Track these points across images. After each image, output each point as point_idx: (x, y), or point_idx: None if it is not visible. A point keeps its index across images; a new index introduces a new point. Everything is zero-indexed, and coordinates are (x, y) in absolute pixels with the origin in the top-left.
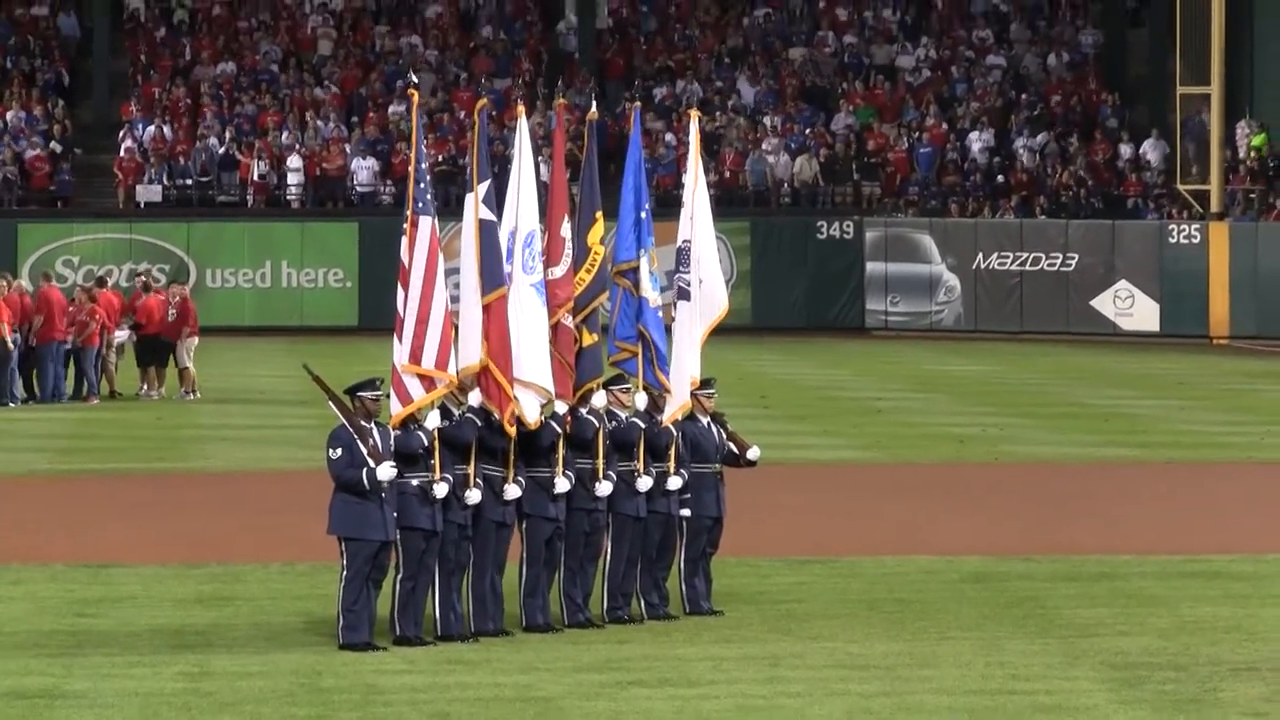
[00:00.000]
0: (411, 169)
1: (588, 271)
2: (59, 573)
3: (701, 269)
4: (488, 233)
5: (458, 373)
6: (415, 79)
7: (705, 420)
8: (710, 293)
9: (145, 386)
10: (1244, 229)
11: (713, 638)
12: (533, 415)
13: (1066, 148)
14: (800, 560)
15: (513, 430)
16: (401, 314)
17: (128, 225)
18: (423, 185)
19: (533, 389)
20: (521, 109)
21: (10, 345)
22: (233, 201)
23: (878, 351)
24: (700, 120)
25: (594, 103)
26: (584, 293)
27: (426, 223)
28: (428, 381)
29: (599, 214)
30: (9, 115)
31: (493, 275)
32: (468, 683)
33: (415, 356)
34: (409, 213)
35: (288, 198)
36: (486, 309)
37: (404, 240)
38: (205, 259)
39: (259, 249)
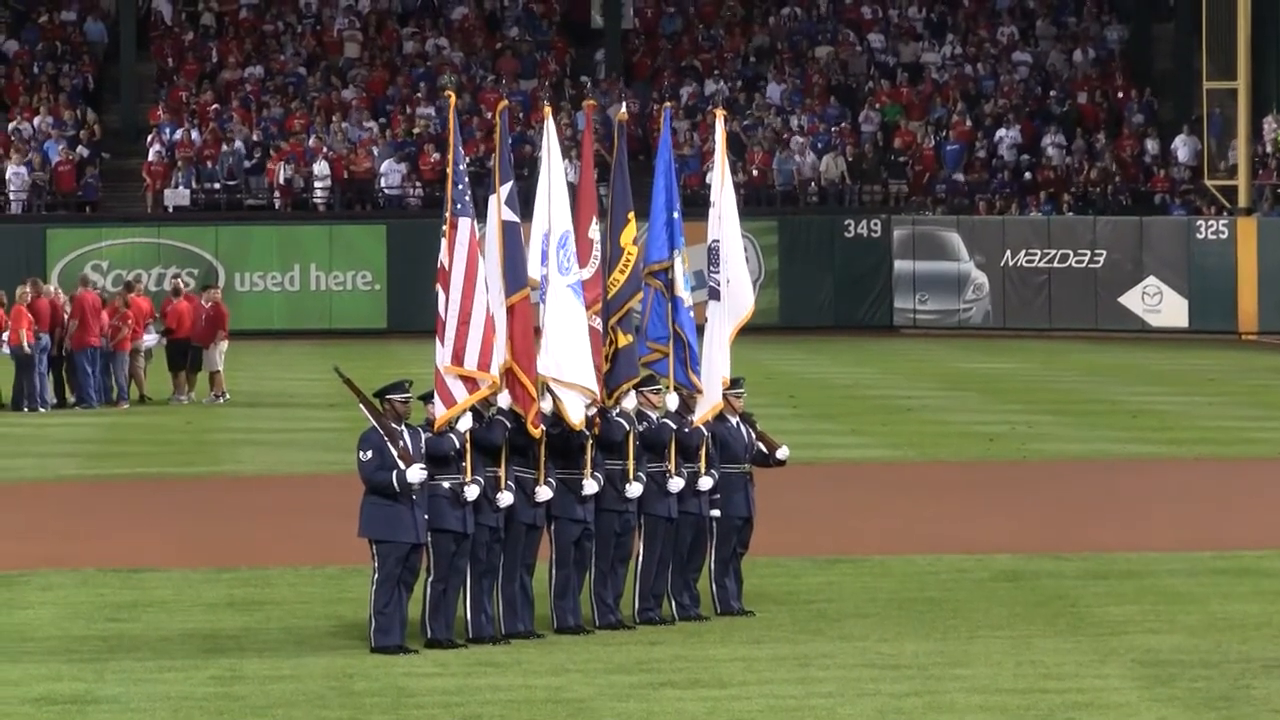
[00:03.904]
0: (449, 171)
1: (621, 272)
2: (90, 577)
3: (729, 269)
4: (510, 234)
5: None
6: (451, 80)
7: (734, 420)
8: (737, 293)
9: (176, 391)
10: (1272, 224)
11: (744, 638)
12: (577, 416)
13: (1094, 144)
14: (830, 560)
15: (537, 432)
16: (443, 316)
17: (156, 229)
18: (461, 187)
19: (576, 389)
20: (549, 110)
21: (27, 350)
22: (260, 205)
23: (906, 350)
24: (726, 120)
25: (623, 105)
26: (618, 294)
27: (466, 224)
28: (471, 383)
29: (631, 215)
30: (37, 120)
31: (516, 276)
32: (499, 685)
33: (458, 358)
34: (448, 214)
35: (315, 201)
36: (510, 310)
37: (443, 242)
38: (234, 263)
39: (287, 252)
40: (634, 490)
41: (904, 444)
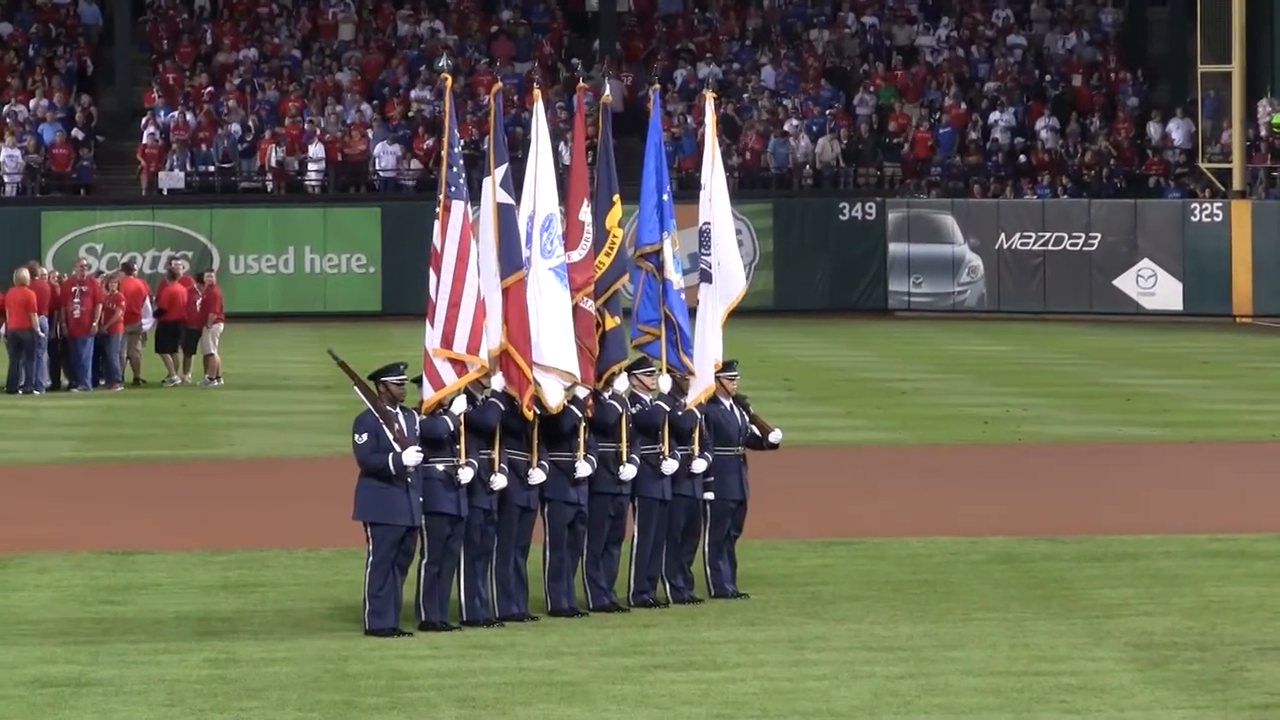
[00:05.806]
0: (444, 153)
1: (606, 255)
2: (85, 560)
3: (720, 251)
4: (505, 216)
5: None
6: (448, 63)
7: (728, 403)
8: (728, 274)
9: (170, 373)
10: (1267, 207)
11: (738, 620)
12: (555, 399)
13: (1088, 127)
14: (825, 542)
15: (531, 414)
16: (433, 298)
17: (150, 212)
18: (455, 169)
19: (555, 373)
20: (539, 93)
21: (40, 332)
22: (255, 187)
23: (901, 333)
24: (719, 102)
25: (607, 88)
26: (603, 276)
27: (459, 207)
28: (459, 366)
29: (617, 197)
30: (32, 103)
31: (511, 259)
32: (493, 667)
33: (447, 341)
34: (441, 197)
35: (309, 183)
36: (505, 292)
37: (436, 224)
38: (228, 245)
39: (282, 235)
40: (627, 473)
41: (899, 427)
